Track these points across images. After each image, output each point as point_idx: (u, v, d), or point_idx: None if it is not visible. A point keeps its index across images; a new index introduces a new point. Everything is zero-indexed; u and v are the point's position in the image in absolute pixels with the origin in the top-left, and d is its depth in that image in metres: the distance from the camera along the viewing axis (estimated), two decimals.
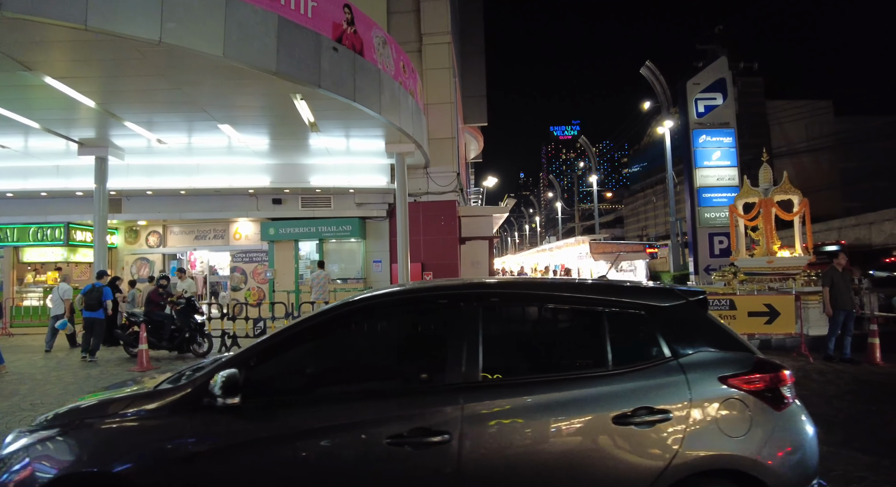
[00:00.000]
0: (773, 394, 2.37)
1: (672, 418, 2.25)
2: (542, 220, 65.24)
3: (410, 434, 2.19)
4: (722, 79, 17.27)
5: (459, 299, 2.60)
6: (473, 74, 25.35)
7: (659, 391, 2.32)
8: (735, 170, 16.94)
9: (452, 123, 17.12)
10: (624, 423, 2.24)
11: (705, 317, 2.60)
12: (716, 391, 2.33)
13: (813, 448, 2.39)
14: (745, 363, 2.43)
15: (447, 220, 16.49)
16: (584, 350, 2.57)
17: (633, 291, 2.69)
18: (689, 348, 2.46)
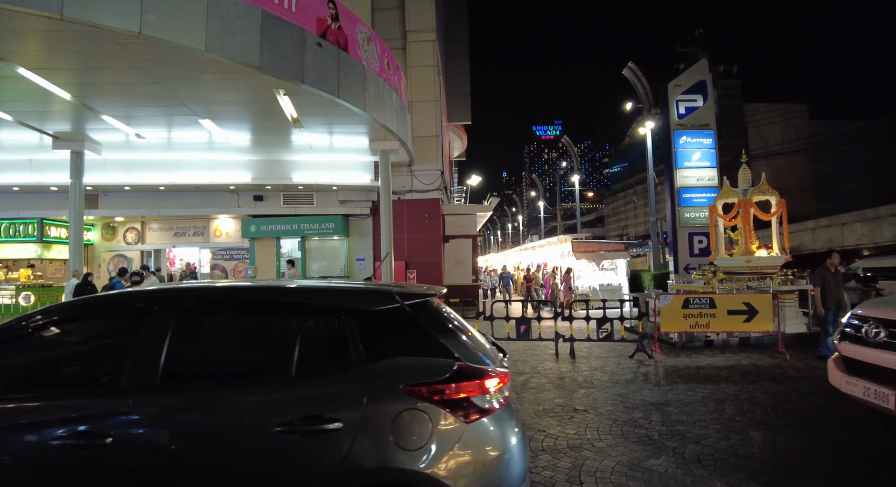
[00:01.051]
0: (463, 405, 2.22)
1: (343, 428, 2.13)
2: (525, 219, 65.64)
3: (75, 435, 2.17)
4: (702, 81, 17.50)
5: (154, 302, 2.55)
6: (457, 73, 25.34)
7: (335, 400, 2.21)
8: (715, 171, 17.19)
9: (437, 121, 17.10)
10: (289, 432, 2.14)
11: (415, 322, 2.45)
12: (396, 400, 2.20)
13: (511, 464, 2.26)
14: (441, 370, 2.27)
15: (431, 218, 16.48)
16: (272, 355, 2.43)
17: (337, 294, 2.60)
18: (384, 354, 2.35)
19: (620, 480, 3.64)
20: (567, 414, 5.22)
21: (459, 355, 2.38)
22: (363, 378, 2.26)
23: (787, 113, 62.73)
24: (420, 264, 16.11)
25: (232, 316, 2.57)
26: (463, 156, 31.70)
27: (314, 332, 2.43)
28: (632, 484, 3.57)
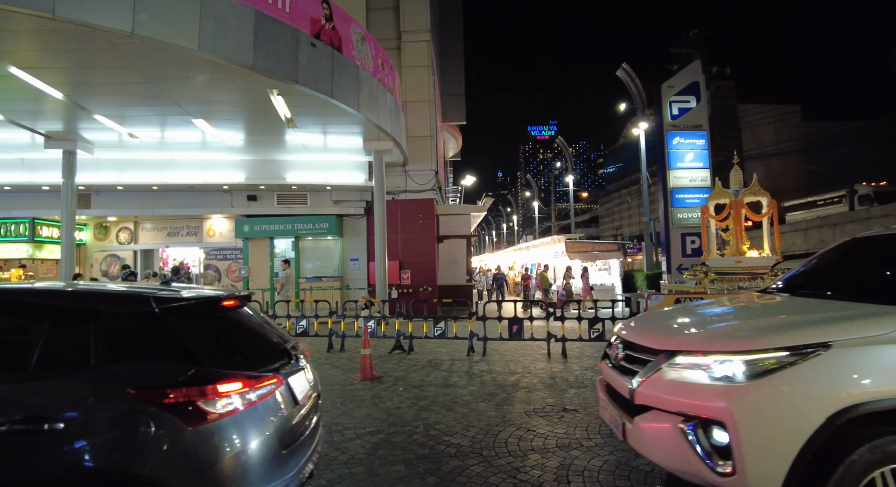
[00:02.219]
0: (189, 408, 2.23)
1: (64, 428, 2.15)
2: (520, 219, 65.72)
3: None
4: (695, 82, 17.59)
5: None
6: (452, 73, 25.40)
7: (61, 400, 2.21)
8: (707, 172, 17.29)
9: (431, 122, 17.13)
10: (9, 431, 2.14)
11: (164, 327, 2.45)
12: (122, 402, 2.21)
13: (249, 470, 2.29)
14: (174, 375, 2.29)
15: (425, 218, 16.50)
16: (10, 355, 2.40)
17: (82, 296, 2.62)
18: (123, 357, 2.37)
19: (608, 479, 3.68)
20: (557, 414, 5.26)
21: (207, 360, 2.41)
22: (94, 380, 2.28)
23: (780, 114, 63.08)
24: (414, 264, 16.13)
25: None
26: (458, 156, 31.74)
27: (57, 333, 2.41)
28: (619, 483, 3.61)
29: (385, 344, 9.43)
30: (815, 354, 2.38)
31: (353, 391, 6.22)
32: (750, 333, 2.74)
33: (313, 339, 10.07)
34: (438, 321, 9.16)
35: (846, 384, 2.33)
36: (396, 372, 7.33)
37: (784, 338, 2.50)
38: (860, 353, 2.39)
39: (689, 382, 2.60)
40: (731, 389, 2.44)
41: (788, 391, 2.34)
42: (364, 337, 7.15)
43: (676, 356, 2.70)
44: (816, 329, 2.54)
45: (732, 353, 2.51)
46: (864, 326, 2.54)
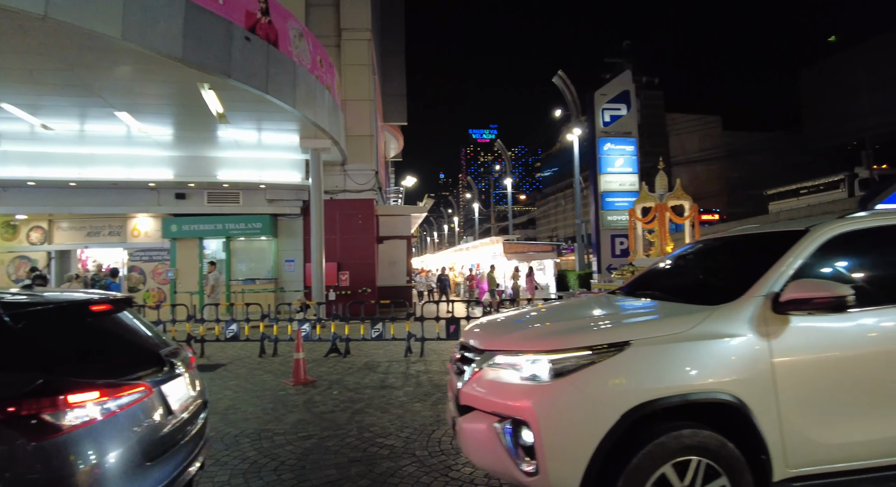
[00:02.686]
0: (33, 422, 2.08)
1: None
2: (461, 220, 66.41)
3: None
4: (626, 91, 18.49)
5: None
6: (394, 73, 25.34)
7: None
8: (636, 176, 18.20)
9: (371, 121, 17.01)
10: None
11: (10, 334, 2.30)
12: None
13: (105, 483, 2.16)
14: (19, 385, 2.13)
15: (364, 219, 16.36)
16: None
17: None
18: None
19: None
20: None
21: (63, 369, 2.30)
22: None
23: (703, 123, 67.37)
24: (353, 265, 15.94)
25: None
26: (399, 157, 31.70)
27: None
28: None
29: (321, 348, 9.27)
30: (613, 353, 2.45)
31: (284, 397, 6.08)
32: (560, 332, 2.82)
33: (245, 344, 9.74)
34: (376, 323, 9.10)
35: (640, 381, 2.41)
36: (332, 376, 7.24)
37: (587, 338, 2.59)
38: (655, 351, 2.48)
39: (504, 382, 2.63)
40: (536, 388, 2.48)
41: (586, 389, 2.40)
42: (297, 341, 7.01)
43: (496, 356, 2.74)
44: (618, 329, 2.69)
45: (542, 352, 2.56)
46: (662, 325, 2.68)
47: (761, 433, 2.46)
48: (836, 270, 2.92)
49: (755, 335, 2.55)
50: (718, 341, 2.52)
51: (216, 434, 4.68)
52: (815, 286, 2.55)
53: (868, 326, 2.72)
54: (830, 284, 2.54)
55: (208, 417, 3.15)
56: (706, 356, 2.50)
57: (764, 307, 2.62)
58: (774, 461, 2.49)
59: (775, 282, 2.69)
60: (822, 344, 2.63)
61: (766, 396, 2.49)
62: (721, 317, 2.60)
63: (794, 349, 2.57)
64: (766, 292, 2.67)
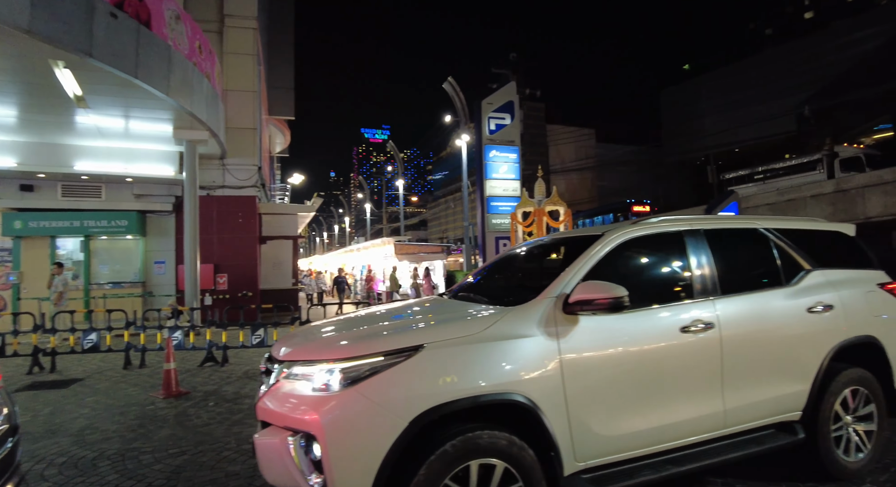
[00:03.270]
0: None
1: None
2: (353, 220, 65.32)
3: None
4: (510, 102, 19.49)
5: None
6: (281, 66, 24.30)
7: None
8: (518, 183, 19.26)
9: (255, 113, 16.16)
10: None
11: None
12: None
13: None
14: None
15: (245, 217, 15.48)
16: None
17: None
18: None
19: None
20: None
21: None
22: None
23: (579, 135, 72.88)
24: (232, 267, 15.00)
25: None
26: (286, 152, 30.39)
27: None
28: None
29: (195, 357, 8.62)
30: (405, 357, 2.39)
31: (154, 412, 5.58)
32: (355, 339, 2.68)
33: (107, 355, 8.77)
34: (257, 329, 8.66)
35: (430, 385, 2.36)
36: (207, 386, 6.77)
37: (381, 343, 2.50)
38: (447, 354, 2.44)
39: (297, 394, 2.48)
40: (325, 399, 2.36)
41: (375, 397, 2.31)
42: (168, 350, 6.46)
43: (294, 367, 2.58)
44: (413, 333, 2.61)
45: (335, 361, 2.44)
46: (456, 327, 2.63)
47: (550, 430, 2.52)
48: (622, 272, 3.08)
49: (545, 336, 2.62)
50: (510, 342, 2.55)
51: (68, 460, 4.17)
52: (597, 288, 2.66)
53: (642, 324, 2.91)
54: (610, 285, 2.64)
55: (20, 443, 2.68)
56: (497, 358, 2.50)
57: (555, 308, 2.71)
58: (564, 456, 2.57)
59: (567, 284, 2.81)
60: (604, 342, 2.76)
61: (555, 394, 2.56)
62: (515, 318, 2.66)
63: (580, 348, 2.67)
64: (558, 293, 2.77)
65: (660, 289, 3.24)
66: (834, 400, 3.43)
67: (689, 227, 3.38)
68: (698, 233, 3.36)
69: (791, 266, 3.64)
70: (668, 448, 2.92)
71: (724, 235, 3.52)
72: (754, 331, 3.23)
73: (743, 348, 3.15)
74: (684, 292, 3.17)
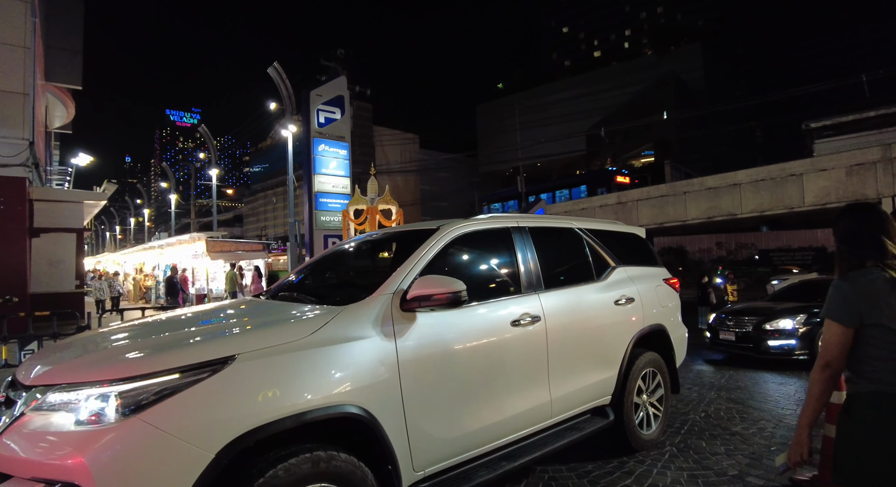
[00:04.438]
0: None
1: None
2: (153, 213, 57.32)
3: None
4: (341, 96, 19.02)
5: None
6: (66, 23, 20.23)
7: None
8: (348, 180, 18.91)
9: (26, 76, 13.24)
10: None
11: None
12: None
13: None
14: None
15: (10, 203, 12.59)
16: None
17: None
18: None
19: None
20: None
21: None
22: None
23: (403, 139, 75.03)
24: None
25: None
26: (69, 128, 25.43)
27: None
28: None
29: None
30: (210, 372, 1.93)
31: None
32: (144, 351, 2.07)
33: None
34: (28, 342, 7.02)
35: (244, 405, 1.94)
36: None
37: (179, 355, 1.97)
38: (264, 365, 2.04)
39: (54, 431, 1.84)
40: (95, 435, 1.77)
41: (169, 426, 1.81)
42: None
43: (48, 394, 1.93)
44: (221, 341, 2.12)
45: (111, 382, 1.86)
46: (276, 332, 2.24)
47: (389, 441, 2.31)
48: (456, 267, 3.07)
49: (381, 336, 2.42)
50: (341, 346, 2.27)
51: None
52: (436, 283, 2.51)
53: (477, 319, 2.88)
54: (449, 280, 2.52)
55: None
56: (328, 365, 2.20)
57: (392, 305, 2.53)
58: (402, 468, 2.38)
59: (404, 279, 2.65)
60: (441, 339, 2.65)
61: (392, 401, 2.37)
62: (347, 318, 2.39)
63: (418, 347, 2.53)
64: (394, 290, 2.59)
65: (491, 284, 3.28)
66: (635, 382, 3.91)
67: (516, 224, 3.49)
68: (524, 230, 3.49)
69: (600, 263, 4.05)
70: (502, 444, 2.93)
71: (545, 233, 3.70)
72: (574, 323, 3.46)
73: (565, 339, 3.34)
74: (513, 287, 3.24)
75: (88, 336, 2.66)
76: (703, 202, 20.62)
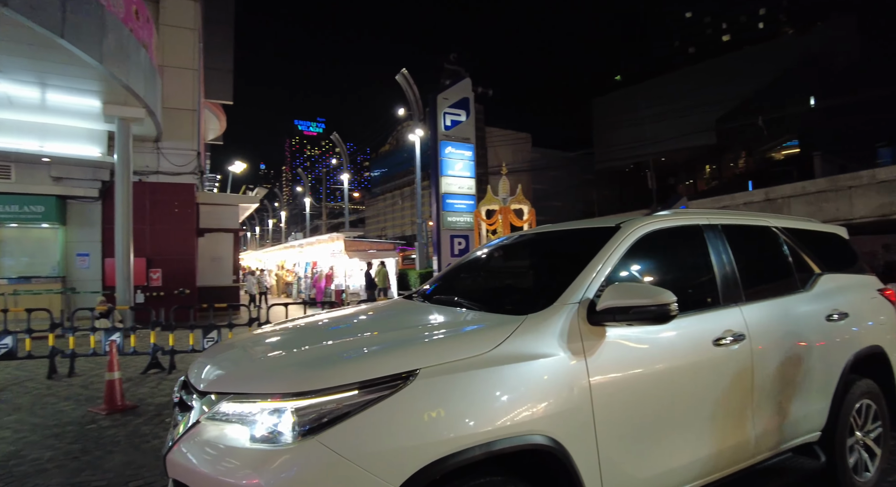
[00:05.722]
0: None
1: None
2: (288, 215, 62.62)
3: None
4: (466, 98, 19.05)
5: None
6: (220, 46, 22.55)
7: None
8: (473, 181, 18.88)
9: (194, 95, 14.79)
10: None
11: None
12: None
13: None
14: None
15: (183, 207, 14.11)
16: None
17: None
18: None
19: None
20: None
21: None
22: None
23: (515, 139, 74.28)
24: (167, 261, 13.60)
25: None
26: (220, 140, 28.40)
27: None
28: None
29: (135, 362, 7.53)
30: (392, 389, 1.71)
31: (98, 432, 4.61)
32: (316, 361, 1.91)
33: (24, 362, 7.45)
34: (210, 331, 7.66)
35: (431, 429, 1.70)
36: (157, 398, 5.80)
37: (356, 368, 1.77)
38: (450, 383, 1.78)
39: (228, 445, 1.72)
40: (270, 455, 1.63)
41: (349, 452, 1.61)
42: (111, 356, 5.44)
43: (222, 402, 1.81)
44: (400, 352, 1.88)
45: (285, 396, 1.70)
46: (458, 344, 1.97)
47: (580, 478, 1.95)
48: (642, 273, 2.58)
49: (569, 354, 2.04)
50: (527, 364, 1.93)
51: None
52: (636, 292, 2.10)
53: (675, 337, 2.40)
54: (653, 289, 2.12)
55: None
56: (514, 386, 1.87)
57: (578, 317, 2.15)
58: None
59: (589, 286, 2.25)
60: (636, 360, 2.25)
61: (584, 431, 2.01)
62: (529, 331, 2.04)
63: (611, 368, 2.13)
64: (579, 299, 2.20)
65: (684, 294, 2.61)
66: (848, 416, 3.15)
67: (708, 221, 2.91)
68: (717, 229, 2.91)
69: (803, 269, 3.31)
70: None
71: (739, 232, 3.08)
72: (782, 342, 2.85)
73: (772, 362, 2.75)
74: (710, 298, 2.70)
75: (256, 337, 2.52)
76: (873, 198, 17.73)
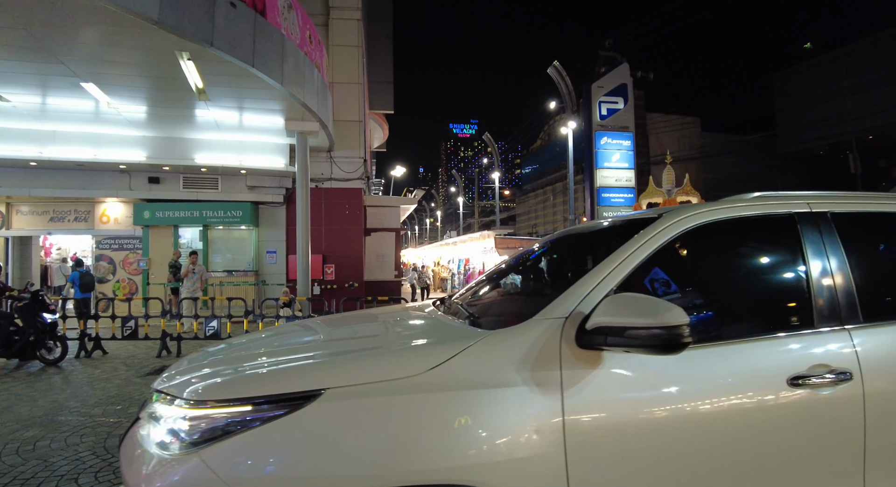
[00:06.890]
0: None
1: None
2: (442, 215, 65.78)
3: None
4: (624, 84, 18.05)
5: None
6: (380, 59, 24.44)
7: None
8: (632, 172, 17.78)
9: (360, 106, 16.14)
10: None
11: None
12: None
13: None
14: None
15: (352, 209, 15.50)
16: None
17: None
18: None
19: None
20: None
21: None
22: None
23: (681, 124, 67.96)
24: (339, 257, 15.08)
25: None
26: (383, 147, 30.76)
27: None
28: None
29: None
30: (288, 409, 1.47)
31: None
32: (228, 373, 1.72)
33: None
34: None
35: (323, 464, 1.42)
36: None
37: (256, 381, 1.58)
38: (359, 409, 1.48)
39: (141, 446, 1.64)
40: (158, 463, 1.50)
41: (226, 474, 1.40)
42: None
43: (157, 400, 1.71)
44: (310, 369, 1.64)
45: (189, 403, 1.56)
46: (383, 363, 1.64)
47: None
48: (684, 282, 1.96)
49: (532, 386, 1.55)
50: (467, 393, 1.51)
51: None
52: (633, 307, 1.51)
53: (720, 371, 1.72)
54: (660, 305, 1.49)
55: None
56: (444, 421, 1.48)
57: (561, 337, 1.63)
58: None
59: (586, 297, 1.70)
60: (648, 403, 1.63)
61: None
62: (481, 353, 1.60)
63: (600, 410, 1.58)
64: (567, 313, 1.68)
65: (750, 311, 2.01)
66: None
67: (808, 209, 2.09)
68: (823, 219, 2.06)
69: None
70: None
71: (865, 223, 2.17)
72: None
73: None
74: (796, 316, 1.96)
75: (237, 340, 2.44)
76: None
